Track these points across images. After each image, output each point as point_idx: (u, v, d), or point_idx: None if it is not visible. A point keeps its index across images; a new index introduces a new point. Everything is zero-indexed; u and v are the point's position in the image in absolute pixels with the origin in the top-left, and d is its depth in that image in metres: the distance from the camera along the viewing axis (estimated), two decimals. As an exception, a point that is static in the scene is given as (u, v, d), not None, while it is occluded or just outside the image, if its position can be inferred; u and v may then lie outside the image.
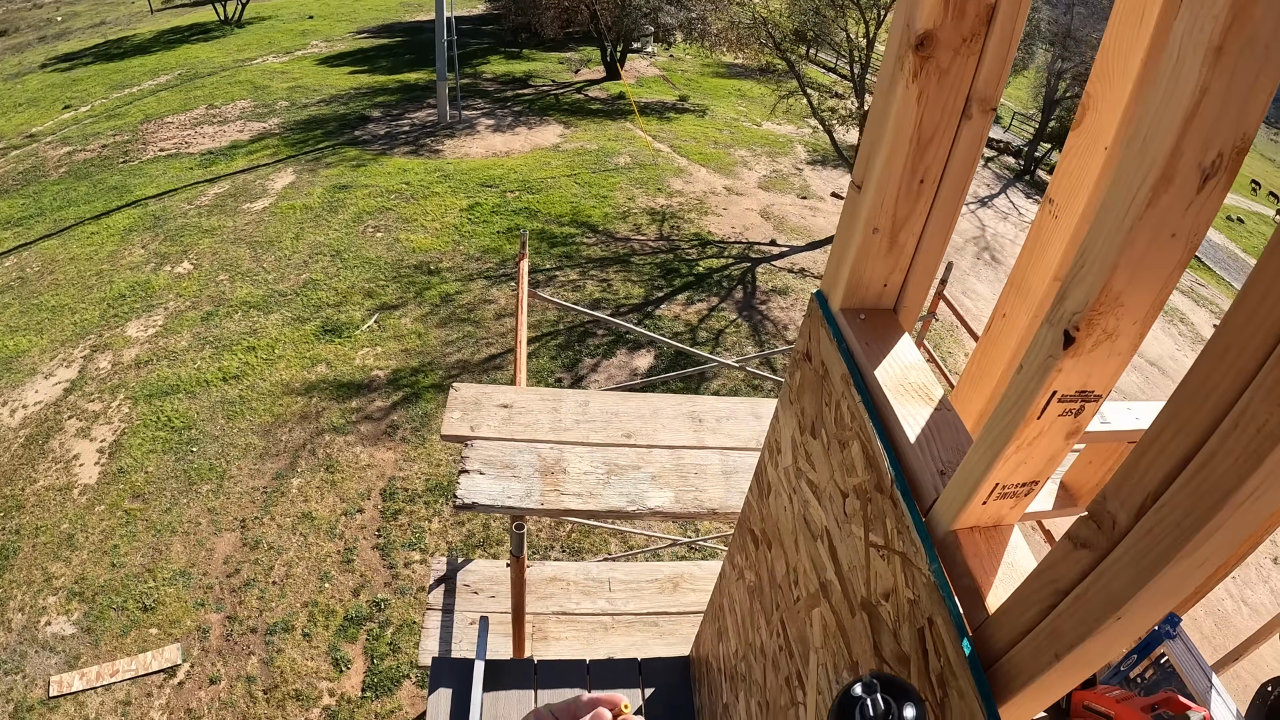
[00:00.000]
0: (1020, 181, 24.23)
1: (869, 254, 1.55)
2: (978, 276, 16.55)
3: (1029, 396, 1.00)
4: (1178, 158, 0.83)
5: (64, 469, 8.99)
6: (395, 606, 7.71)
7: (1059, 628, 0.94)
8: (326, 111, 21.16)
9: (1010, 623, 1.02)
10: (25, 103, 22.67)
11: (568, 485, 3.02)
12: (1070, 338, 0.93)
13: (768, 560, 2.09)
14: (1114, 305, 0.91)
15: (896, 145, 1.42)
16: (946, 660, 1.10)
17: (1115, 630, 0.90)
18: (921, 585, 1.18)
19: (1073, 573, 0.92)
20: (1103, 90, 1.42)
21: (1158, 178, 0.83)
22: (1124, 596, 0.86)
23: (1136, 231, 0.86)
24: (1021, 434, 1.02)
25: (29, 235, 14.42)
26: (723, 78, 29.13)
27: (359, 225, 14.88)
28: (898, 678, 0.80)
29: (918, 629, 1.19)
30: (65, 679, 6.82)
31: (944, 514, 1.19)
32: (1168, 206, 0.85)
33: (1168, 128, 0.82)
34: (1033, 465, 1.09)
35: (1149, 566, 0.82)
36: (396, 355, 11.32)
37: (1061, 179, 1.55)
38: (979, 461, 1.10)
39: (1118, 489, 0.86)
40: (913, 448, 1.30)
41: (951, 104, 1.41)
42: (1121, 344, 0.96)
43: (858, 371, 1.49)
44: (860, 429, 1.43)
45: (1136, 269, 0.89)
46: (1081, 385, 0.99)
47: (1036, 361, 0.99)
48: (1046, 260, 1.60)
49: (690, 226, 16.21)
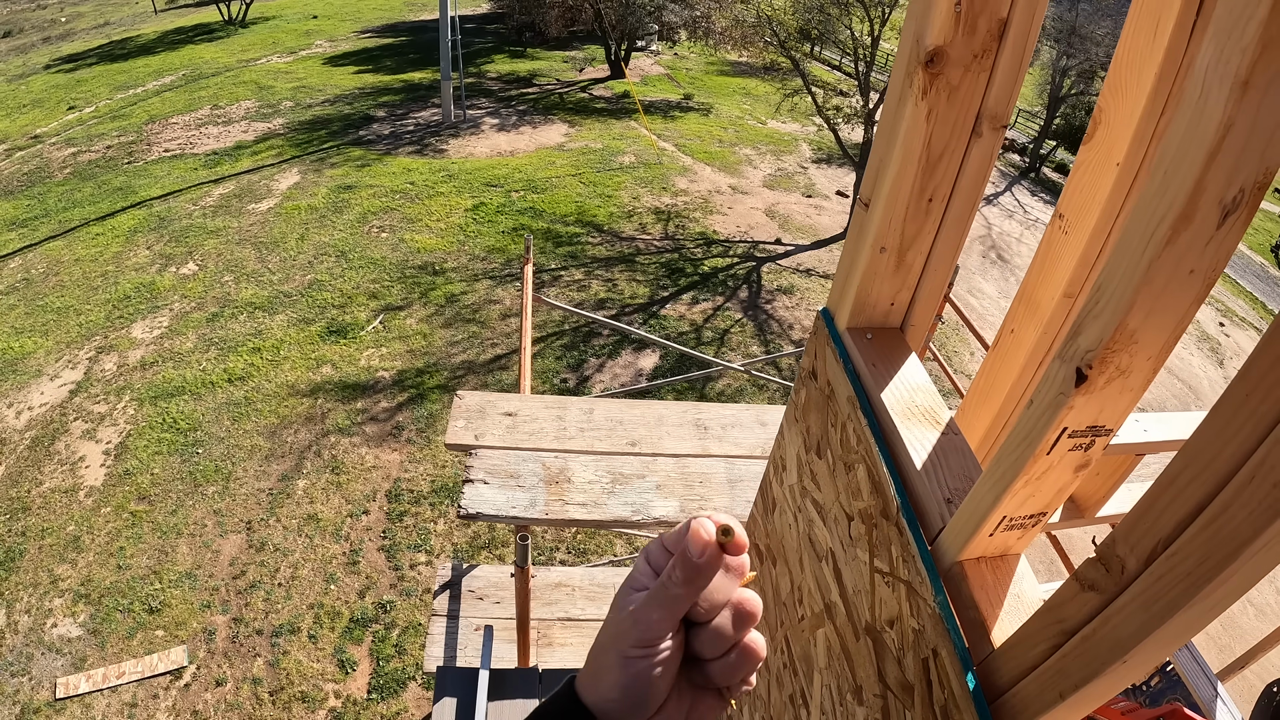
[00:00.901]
0: (1025, 179, 24.15)
1: (876, 273, 1.53)
2: (984, 275, 16.50)
3: (1039, 432, 0.98)
4: (1199, 195, 0.81)
5: (70, 471, 9.01)
6: (401, 608, 7.70)
7: (1065, 667, 0.93)
8: (331, 111, 21.18)
9: (1016, 659, 1.01)
10: (30, 104, 22.73)
11: (572, 495, 3.01)
12: (1083, 375, 0.91)
13: (772, 576, 2.07)
14: (1129, 343, 0.89)
15: (905, 163, 1.40)
16: (950, 693, 1.09)
17: (1121, 673, 0.88)
18: (926, 615, 1.16)
19: (1080, 614, 0.91)
20: (1115, 104, 1.39)
21: (1178, 216, 0.81)
22: (1131, 642, 0.84)
23: (1155, 270, 0.84)
24: (1030, 469, 1.00)
25: (34, 236, 14.45)
26: (727, 76, 29.10)
27: (364, 225, 14.88)
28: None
29: (922, 659, 1.17)
30: (71, 681, 6.83)
31: (950, 544, 1.17)
32: (1187, 244, 0.83)
33: (1190, 165, 0.80)
34: (1041, 498, 1.08)
35: (1158, 613, 0.81)
36: (402, 356, 11.32)
37: (1072, 194, 1.53)
38: (987, 494, 1.08)
39: (1128, 533, 0.84)
40: (919, 474, 1.29)
41: (961, 122, 1.39)
42: (1135, 380, 0.94)
43: (864, 394, 1.48)
44: (866, 453, 1.41)
45: (1153, 307, 0.87)
46: (1093, 421, 0.97)
47: (1047, 398, 0.97)
48: (1056, 276, 1.58)
49: (695, 225, 16.19)
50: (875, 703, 1.34)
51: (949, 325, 13.26)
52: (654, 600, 0.69)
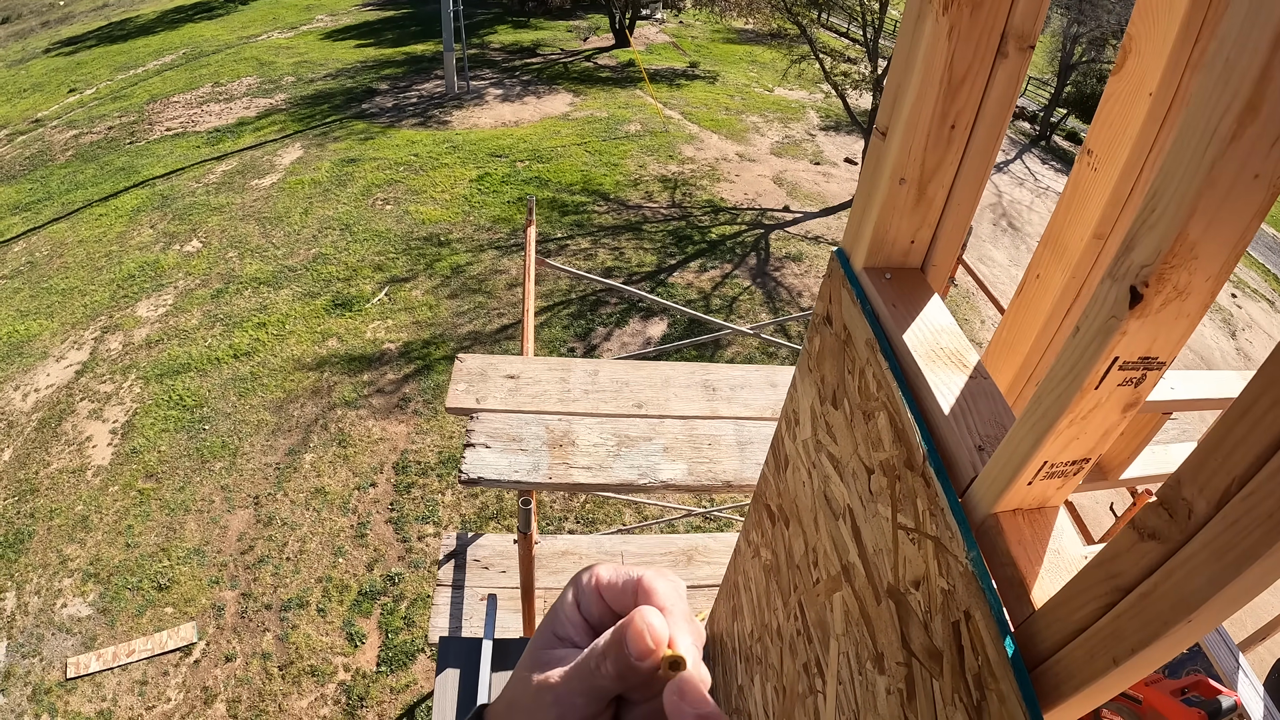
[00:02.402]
0: (1036, 147, 23.82)
1: (895, 207, 1.41)
2: (995, 244, 16.30)
3: (1087, 363, 0.87)
4: (1266, 82, 0.69)
5: (77, 451, 8.97)
6: (409, 580, 7.67)
7: (1120, 629, 0.82)
8: (333, 86, 20.98)
9: (1060, 620, 0.90)
10: (30, 88, 22.59)
11: (577, 458, 2.91)
12: (1138, 295, 0.80)
13: (785, 538, 1.97)
14: (1188, 257, 0.78)
15: (925, 87, 1.29)
16: (985, 659, 0.98)
17: (1184, 633, 0.77)
18: (957, 574, 1.05)
19: (1138, 568, 0.80)
20: (1145, 30, 1.28)
21: (1243, 107, 0.70)
22: (1199, 598, 0.73)
23: (1218, 170, 0.73)
24: (1077, 406, 0.89)
25: (37, 220, 14.38)
26: (733, 43, 28.74)
27: (368, 198, 14.76)
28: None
29: (953, 623, 1.07)
30: (82, 660, 6.82)
31: (983, 495, 1.07)
32: (1252, 142, 0.72)
33: (1255, 46, 0.69)
34: (1086, 441, 0.96)
35: (1232, 563, 0.69)
36: (408, 328, 11.24)
37: (1101, 128, 1.41)
38: (1025, 437, 0.97)
39: (1196, 472, 0.73)
40: (947, 420, 1.18)
41: (986, 40, 1.27)
42: (1192, 304, 0.83)
43: (884, 336, 1.37)
44: (888, 399, 1.31)
45: (1215, 215, 0.76)
46: (1146, 350, 0.86)
47: (1096, 323, 0.85)
48: (1085, 216, 1.47)
49: (702, 193, 16.02)
50: (898, 671, 1.23)
51: (960, 292, 13.10)
52: (578, 681, 0.58)
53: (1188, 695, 2.29)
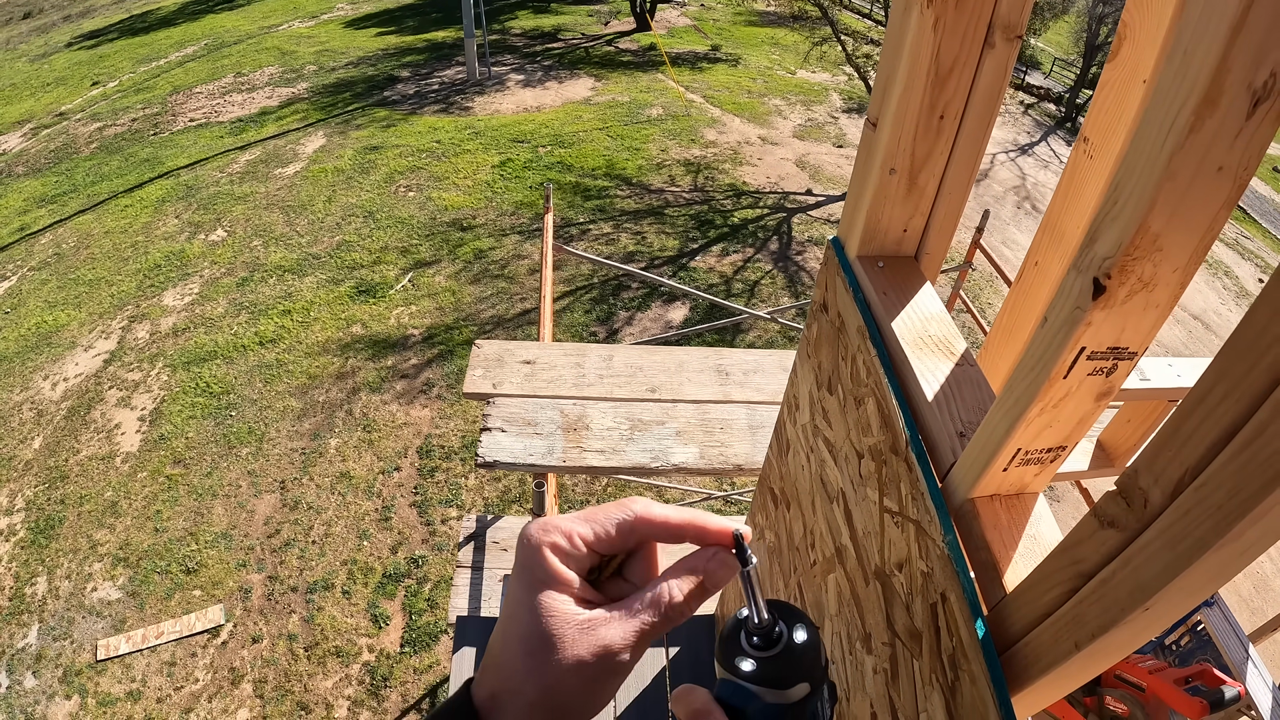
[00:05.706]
0: (1061, 129, 23.50)
1: (886, 197, 1.43)
2: (1018, 226, 16.14)
3: (1054, 353, 0.89)
4: (1224, 75, 0.71)
5: (106, 438, 9.13)
6: (433, 563, 7.76)
7: (1081, 614, 0.84)
8: (355, 74, 21.06)
9: (1029, 604, 0.92)
10: (53, 82, 22.83)
11: (590, 442, 2.95)
12: (1101, 286, 0.82)
13: (786, 521, 2.00)
14: (1151, 249, 0.80)
15: (913, 78, 1.30)
16: (959, 640, 1.01)
17: (1142, 621, 0.79)
18: (935, 557, 1.08)
19: (1098, 554, 0.82)
20: (1140, 19, 1.28)
21: (1200, 99, 0.72)
22: (1154, 586, 0.75)
23: (1177, 162, 0.74)
24: (1046, 394, 0.91)
25: (63, 212, 14.57)
26: (755, 26, 28.53)
27: (391, 185, 14.83)
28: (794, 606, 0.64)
29: (930, 604, 1.09)
30: (112, 643, 6.97)
31: (962, 480, 1.09)
32: (1213, 134, 0.73)
33: (1211, 39, 0.70)
34: (1060, 429, 0.98)
35: (1185, 553, 0.71)
36: (431, 313, 11.31)
37: (1097, 116, 1.42)
38: (999, 424, 0.99)
39: (1151, 462, 0.75)
40: (930, 406, 1.20)
41: (972, 31, 1.28)
42: (1160, 294, 0.85)
43: (874, 323, 1.39)
44: (876, 385, 1.33)
45: (1177, 207, 0.77)
46: (1114, 341, 0.88)
47: (1063, 314, 0.87)
48: (1082, 203, 1.48)
49: (724, 177, 15.96)
50: (884, 651, 1.26)
51: (981, 276, 12.99)
52: (629, 630, 0.54)
53: (1192, 684, 2.29)
